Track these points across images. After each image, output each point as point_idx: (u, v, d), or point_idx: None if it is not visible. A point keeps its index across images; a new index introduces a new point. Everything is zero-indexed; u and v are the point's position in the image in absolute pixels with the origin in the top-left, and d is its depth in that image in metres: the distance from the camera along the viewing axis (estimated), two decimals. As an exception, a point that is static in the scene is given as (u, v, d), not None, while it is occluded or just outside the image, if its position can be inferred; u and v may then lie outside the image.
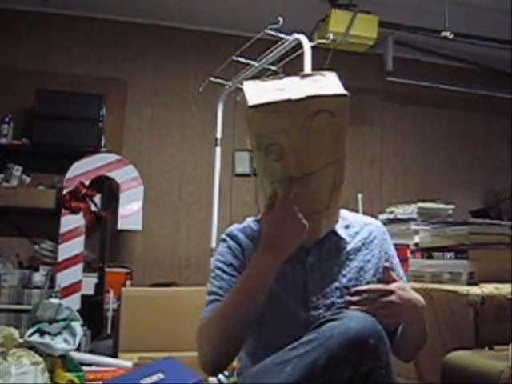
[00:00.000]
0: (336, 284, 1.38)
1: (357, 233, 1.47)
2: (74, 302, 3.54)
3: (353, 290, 1.34)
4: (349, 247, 1.43)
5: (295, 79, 1.30)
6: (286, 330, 1.36)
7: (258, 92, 1.26)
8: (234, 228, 1.49)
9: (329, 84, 1.27)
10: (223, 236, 1.48)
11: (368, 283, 1.40)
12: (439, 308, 1.94)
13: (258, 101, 1.22)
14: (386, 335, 1.18)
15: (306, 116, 1.22)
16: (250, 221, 1.51)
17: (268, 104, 1.21)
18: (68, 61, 4.35)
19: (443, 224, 2.29)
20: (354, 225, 1.48)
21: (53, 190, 3.89)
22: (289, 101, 1.21)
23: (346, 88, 1.26)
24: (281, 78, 1.31)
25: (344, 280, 1.39)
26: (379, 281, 1.41)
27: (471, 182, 5.07)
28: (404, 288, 1.34)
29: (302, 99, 1.20)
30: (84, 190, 3.82)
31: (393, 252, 1.50)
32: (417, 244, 2.38)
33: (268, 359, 1.20)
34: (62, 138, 3.92)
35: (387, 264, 1.42)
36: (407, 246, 2.38)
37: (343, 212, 1.50)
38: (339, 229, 1.44)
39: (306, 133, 1.23)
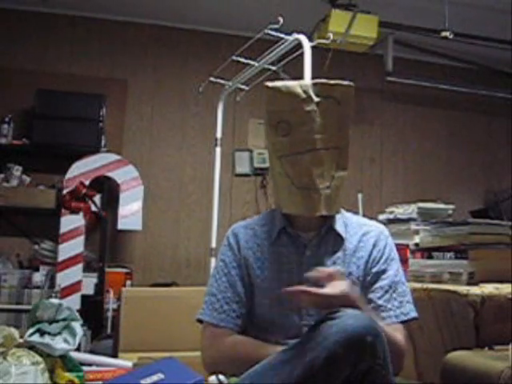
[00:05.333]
0: None
1: (355, 232, 1.51)
2: (74, 301, 3.54)
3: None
4: (345, 245, 1.47)
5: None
6: (278, 322, 1.41)
7: (276, 82, 1.46)
8: (238, 225, 1.57)
9: (337, 80, 1.45)
10: (227, 232, 1.57)
11: (358, 279, 1.45)
12: (439, 308, 1.94)
13: (275, 84, 1.44)
14: (383, 334, 1.18)
15: (314, 99, 1.41)
16: (256, 217, 1.60)
17: (282, 86, 1.43)
18: (68, 61, 4.35)
19: (443, 224, 2.29)
20: (354, 225, 1.52)
21: (53, 190, 3.89)
22: (299, 85, 1.42)
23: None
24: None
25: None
26: (365, 280, 1.45)
27: (471, 181, 5.07)
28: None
29: (311, 84, 1.43)
30: (84, 190, 3.82)
31: (387, 251, 1.48)
32: (417, 244, 2.38)
33: (266, 359, 1.21)
34: (62, 137, 3.92)
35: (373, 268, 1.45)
36: (407, 246, 2.38)
37: (346, 213, 1.56)
38: (339, 227, 1.49)
39: (312, 114, 1.41)
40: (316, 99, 1.41)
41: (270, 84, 1.44)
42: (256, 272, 1.47)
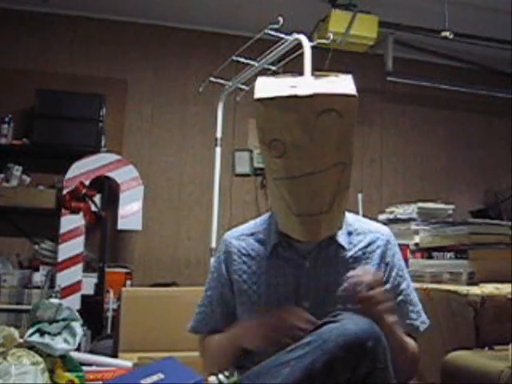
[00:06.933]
0: (330, 293, 1.36)
1: (359, 241, 1.42)
2: (74, 302, 3.54)
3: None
4: (348, 255, 1.40)
5: (309, 78, 1.28)
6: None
7: (267, 86, 1.24)
8: (232, 234, 1.50)
9: (340, 84, 1.24)
10: (221, 241, 1.52)
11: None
12: (439, 308, 1.94)
13: (265, 94, 1.21)
14: (384, 337, 1.18)
15: (312, 114, 1.19)
16: (252, 222, 1.52)
17: (274, 98, 1.20)
18: (68, 61, 4.35)
19: (443, 224, 2.29)
20: (357, 232, 1.44)
21: (53, 190, 3.89)
22: (295, 97, 1.18)
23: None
24: (295, 76, 1.29)
25: (339, 289, 1.36)
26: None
27: (471, 181, 5.07)
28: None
29: (308, 96, 1.18)
30: (84, 190, 3.82)
31: (396, 262, 1.43)
32: (417, 244, 2.38)
33: (265, 361, 1.19)
34: (62, 138, 3.92)
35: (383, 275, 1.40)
36: (407, 246, 2.38)
37: (350, 217, 1.46)
38: (341, 236, 1.40)
39: (310, 131, 1.20)
40: (314, 113, 1.19)
41: (259, 95, 1.21)
42: (252, 287, 1.40)
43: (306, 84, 1.23)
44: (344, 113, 1.20)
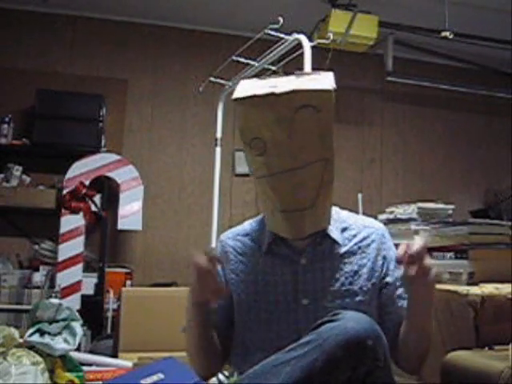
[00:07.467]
0: (328, 288, 1.37)
1: (354, 236, 1.43)
2: (74, 302, 3.54)
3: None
4: (343, 251, 1.40)
5: (291, 77, 1.30)
6: (275, 331, 1.36)
7: (247, 87, 1.26)
8: (227, 235, 1.51)
9: (318, 80, 1.26)
10: (217, 242, 1.53)
11: (361, 288, 1.38)
12: (439, 308, 1.94)
13: (242, 94, 1.23)
14: (384, 336, 1.18)
15: (289, 110, 1.22)
16: (247, 223, 1.53)
17: (250, 97, 1.22)
18: (68, 61, 4.35)
19: (443, 224, 2.29)
20: (352, 228, 1.45)
21: (53, 190, 3.89)
22: (271, 94, 1.21)
23: (345, 88, 1.26)
24: (278, 77, 1.31)
25: (337, 284, 1.37)
26: (374, 285, 1.39)
27: (471, 181, 5.07)
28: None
29: (284, 93, 1.20)
30: (84, 190, 3.82)
31: (393, 255, 1.43)
32: (417, 244, 2.37)
33: (266, 360, 1.19)
34: (62, 137, 3.92)
35: (383, 269, 1.41)
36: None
37: (343, 214, 1.48)
38: (334, 231, 1.41)
39: (288, 127, 1.23)
40: (291, 109, 1.21)
41: (237, 95, 1.24)
42: (250, 286, 1.40)
43: (286, 82, 1.25)
44: (321, 107, 1.22)
